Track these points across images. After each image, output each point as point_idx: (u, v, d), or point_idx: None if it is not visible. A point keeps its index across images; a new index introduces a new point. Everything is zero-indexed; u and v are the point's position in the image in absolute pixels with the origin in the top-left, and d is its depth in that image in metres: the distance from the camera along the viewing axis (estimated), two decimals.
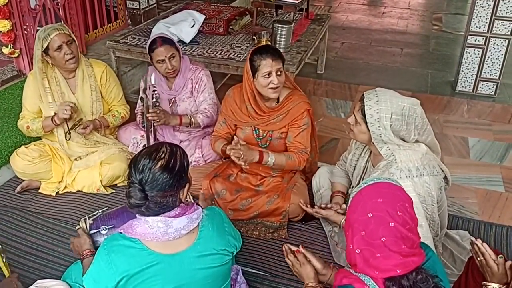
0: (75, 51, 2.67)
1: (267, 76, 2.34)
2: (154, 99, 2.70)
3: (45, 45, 2.59)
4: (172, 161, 1.52)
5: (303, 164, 2.50)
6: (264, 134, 2.53)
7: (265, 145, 2.54)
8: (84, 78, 2.78)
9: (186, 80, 2.86)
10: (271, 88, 2.37)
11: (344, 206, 2.27)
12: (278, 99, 2.50)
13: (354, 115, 2.02)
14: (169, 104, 2.90)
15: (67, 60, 2.64)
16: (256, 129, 2.53)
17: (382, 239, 1.30)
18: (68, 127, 2.74)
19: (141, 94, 2.89)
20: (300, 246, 1.75)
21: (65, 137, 2.77)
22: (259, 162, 2.40)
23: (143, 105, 2.75)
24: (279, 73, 2.36)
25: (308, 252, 1.73)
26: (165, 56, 2.70)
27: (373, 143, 2.01)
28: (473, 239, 1.68)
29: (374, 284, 1.34)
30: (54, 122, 2.67)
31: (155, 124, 2.71)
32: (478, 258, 1.64)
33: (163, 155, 1.52)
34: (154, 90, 2.75)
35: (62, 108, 2.62)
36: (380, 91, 1.98)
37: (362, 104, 1.96)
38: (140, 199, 1.48)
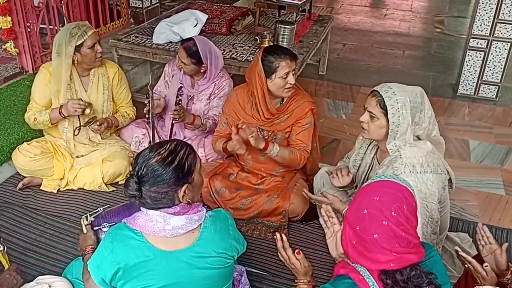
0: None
1: (285, 76, 2.35)
2: (179, 98, 2.72)
3: (79, 42, 2.62)
4: (170, 158, 1.51)
5: (304, 161, 2.50)
6: (269, 134, 2.53)
7: None
8: (99, 77, 2.82)
9: (210, 84, 2.91)
10: (287, 88, 2.38)
11: (353, 170, 2.28)
12: (282, 98, 2.51)
13: (371, 111, 2.01)
14: (187, 100, 2.93)
15: (98, 57, 2.72)
16: (260, 130, 2.53)
17: (374, 235, 1.33)
18: (80, 123, 2.74)
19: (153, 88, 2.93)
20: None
21: (74, 132, 2.78)
22: (264, 150, 2.39)
23: (148, 102, 2.77)
24: (293, 72, 2.38)
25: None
26: (178, 57, 2.84)
27: (388, 136, 2.00)
28: (459, 249, 1.71)
29: (369, 275, 1.38)
30: (61, 114, 2.67)
31: (173, 122, 2.79)
32: (466, 266, 1.68)
33: (163, 151, 1.52)
34: (181, 87, 2.76)
35: (72, 106, 2.62)
36: (390, 84, 2.00)
37: (380, 99, 1.96)
38: (134, 190, 1.50)
